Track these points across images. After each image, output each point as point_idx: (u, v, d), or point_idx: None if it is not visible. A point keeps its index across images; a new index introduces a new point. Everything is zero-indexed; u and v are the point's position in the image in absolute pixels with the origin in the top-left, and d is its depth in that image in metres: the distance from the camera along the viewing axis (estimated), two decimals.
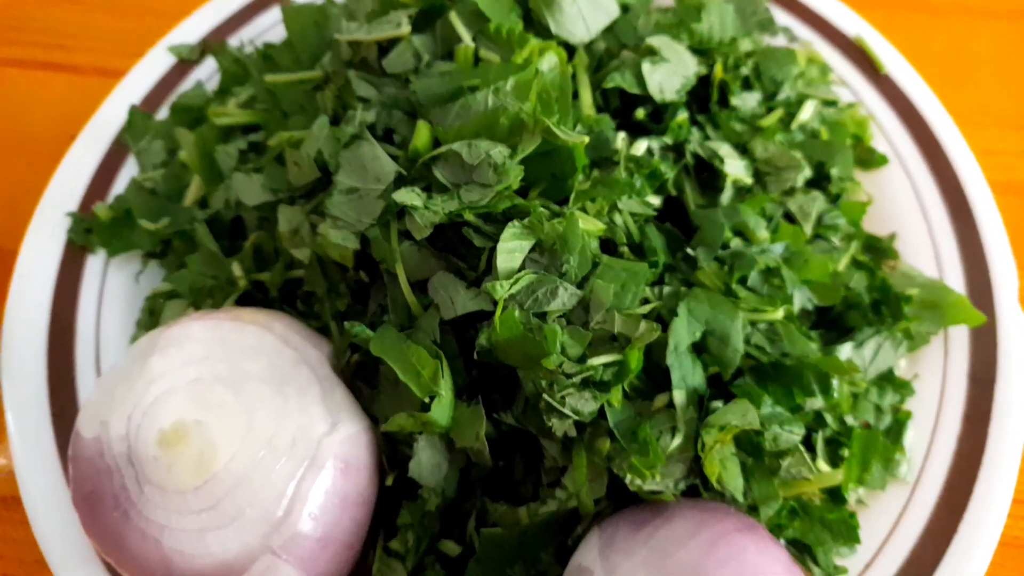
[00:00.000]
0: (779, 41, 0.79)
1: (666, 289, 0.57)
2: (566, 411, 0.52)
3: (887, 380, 0.65)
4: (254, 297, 0.64)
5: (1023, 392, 0.66)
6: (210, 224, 0.66)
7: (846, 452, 0.61)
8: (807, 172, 0.66)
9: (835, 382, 0.58)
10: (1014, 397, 0.66)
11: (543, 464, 0.56)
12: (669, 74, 0.63)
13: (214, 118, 0.70)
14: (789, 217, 0.65)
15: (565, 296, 0.52)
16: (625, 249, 0.58)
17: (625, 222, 0.58)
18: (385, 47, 0.63)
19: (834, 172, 0.69)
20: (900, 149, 0.76)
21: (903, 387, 0.66)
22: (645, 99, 0.64)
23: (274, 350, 0.56)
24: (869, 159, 0.75)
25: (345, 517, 0.53)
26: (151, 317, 0.66)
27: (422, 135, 0.56)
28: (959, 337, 0.69)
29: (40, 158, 0.83)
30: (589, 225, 0.56)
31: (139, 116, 0.74)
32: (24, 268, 0.70)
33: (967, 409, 0.66)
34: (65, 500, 0.61)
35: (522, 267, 0.53)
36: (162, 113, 0.77)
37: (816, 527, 0.58)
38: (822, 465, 0.59)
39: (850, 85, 0.79)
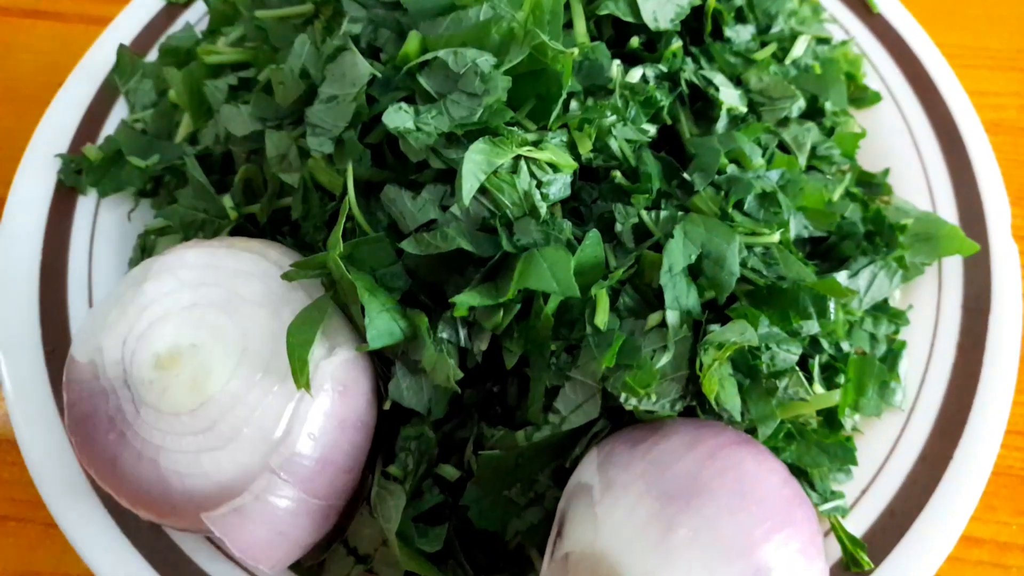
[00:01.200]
0: None
1: (662, 214, 0.57)
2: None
3: (881, 310, 0.66)
4: (246, 231, 0.64)
5: (1016, 321, 0.66)
6: (200, 160, 0.66)
7: (841, 379, 0.61)
8: (801, 103, 0.65)
9: (831, 305, 0.58)
10: (1007, 326, 0.66)
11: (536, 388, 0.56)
12: (663, 3, 0.63)
13: (203, 56, 0.69)
14: (783, 147, 0.65)
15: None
16: (618, 174, 0.58)
17: (620, 147, 0.58)
18: None
19: (828, 106, 0.69)
20: (892, 87, 0.76)
21: (898, 317, 0.66)
22: (639, 28, 0.63)
23: (269, 275, 0.55)
24: (862, 97, 0.75)
25: (343, 440, 0.53)
26: (143, 254, 0.66)
27: (412, 43, 0.55)
28: (953, 268, 0.69)
29: (25, 105, 0.82)
30: (561, 158, 0.55)
31: (128, 56, 0.74)
32: (14, 210, 0.69)
33: (961, 338, 0.66)
34: (60, 438, 0.61)
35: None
36: (151, 57, 0.76)
37: (813, 450, 0.58)
38: (818, 389, 0.59)
39: (842, 24, 0.79)
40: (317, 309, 0.53)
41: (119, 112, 0.74)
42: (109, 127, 0.73)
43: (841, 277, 0.62)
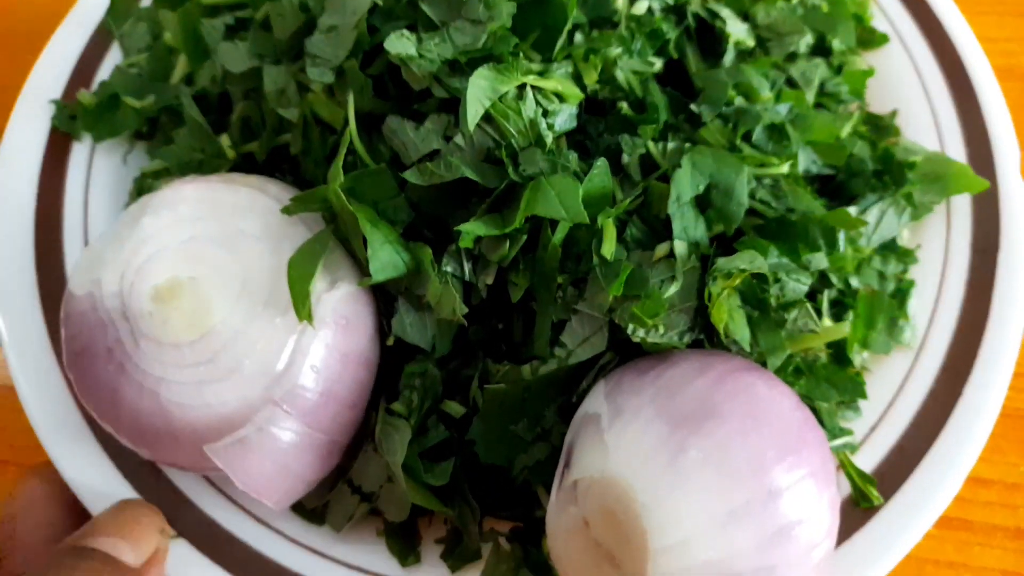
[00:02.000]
0: None
1: (670, 145, 0.56)
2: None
3: (890, 249, 0.65)
4: (244, 170, 0.62)
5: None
6: (197, 101, 0.65)
7: (850, 316, 0.61)
8: (809, 39, 0.64)
9: (841, 237, 0.57)
10: (1017, 265, 0.65)
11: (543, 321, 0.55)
12: None
13: None
14: (791, 83, 0.64)
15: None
16: (624, 105, 0.57)
17: (627, 79, 0.57)
18: None
19: (836, 44, 0.68)
20: (900, 28, 0.75)
21: (906, 256, 0.65)
22: None
23: (269, 210, 0.54)
24: (869, 39, 0.74)
25: (346, 374, 0.52)
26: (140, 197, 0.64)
27: None
28: (961, 207, 0.68)
29: (22, 53, 0.79)
30: (567, 87, 0.54)
31: (123, 0, 0.72)
32: (7, 156, 0.68)
33: (970, 277, 0.66)
34: (58, 383, 0.61)
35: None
36: (146, 2, 0.75)
37: (822, 384, 0.58)
38: (827, 323, 0.58)
39: None
40: (318, 242, 0.52)
41: (113, 58, 0.73)
42: (103, 73, 0.72)
43: (851, 211, 0.62)
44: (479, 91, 0.50)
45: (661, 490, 0.44)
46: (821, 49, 0.68)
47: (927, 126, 0.72)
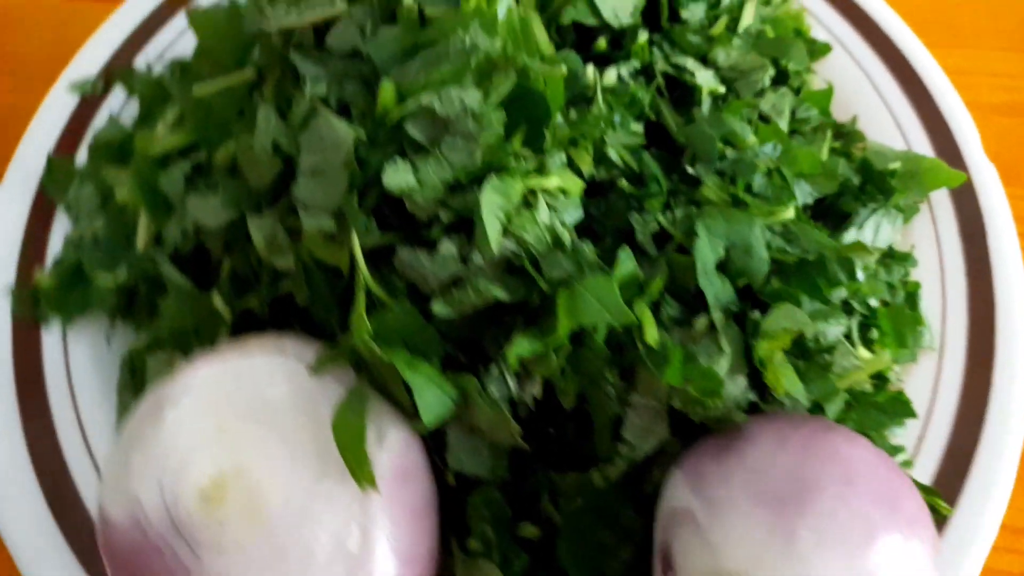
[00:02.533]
0: None
1: (678, 213, 0.55)
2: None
3: (890, 256, 0.66)
4: (244, 327, 0.59)
5: (1012, 236, 0.68)
6: (173, 261, 0.61)
7: (875, 333, 0.61)
8: (771, 71, 0.65)
9: (858, 267, 0.57)
10: (1006, 243, 0.68)
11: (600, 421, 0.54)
12: None
13: (146, 148, 0.64)
14: (763, 118, 0.65)
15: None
16: (624, 183, 0.56)
17: (619, 155, 0.56)
18: (321, 29, 0.59)
19: (791, 66, 0.68)
20: (839, 34, 0.77)
21: (906, 259, 0.67)
22: (601, 29, 0.61)
23: (293, 373, 0.51)
24: (812, 50, 0.75)
25: (420, 528, 0.50)
26: (134, 377, 0.60)
27: (387, 92, 0.52)
28: (941, 200, 0.70)
29: (29, 81, 0.82)
30: (569, 182, 0.53)
31: (58, 164, 0.67)
32: None
33: (968, 266, 0.68)
34: None
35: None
36: (81, 160, 0.70)
37: (871, 413, 0.58)
38: (863, 352, 0.59)
39: None
40: (357, 398, 0.50)
41: (61, 226, 0.68)
42: (55, 240, 0.67)
43: (851, 234, 0.63)
44: (493, 209, 0.49)
45: None
46: (778, 72, 0.69)
47: (887, 124, 0.74)
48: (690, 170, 0.58)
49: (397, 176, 0.49)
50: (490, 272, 0.51)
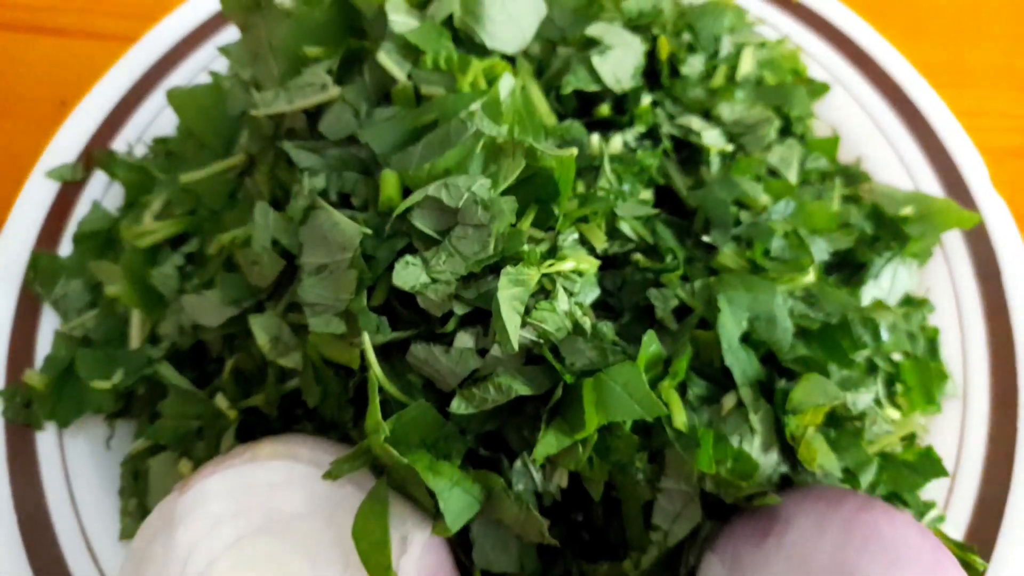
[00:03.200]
0: None
1: (697, 285, 0.53)
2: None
3: (908, 303, 0.65)
4: (251, 424, 0.57)
5: None
6: (170, 359, 0.58)
7: (899, 387, 0.60)
8: (777, 123, 0.63)
9: (883, 326, 0.56)
10: (1022, 281, 0.66)
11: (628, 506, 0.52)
12: (619, 60, 0.59)
13: (135, 240, 0.61)
14: (771, 171, 0.63)
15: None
16: (640, 257, 0.54)
17: (633, 228, 0.54)
18: (313, 113, 0.57)
19: (794, 114, 0.67)
20: (836, 72, 0.76)
21: (923, 305, 0.65)
22: (602, 94, 0.60)
23: (308, 478, 0.49)
24: (811, 89, 0.74)
25: None
26: (136, 482, 0.58)
27: (390, 184, 0.50)
28: (953, 240, 0.68)
29: (27, 121, 0.83)
30: (583, 263, 0.51)
31: (44, 259, 0.64)
32: None
33: (985, 307, 0.66)
34: None
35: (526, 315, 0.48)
36: (64, 248, 0.67)
37: (903, 473, 0.57)
38: (892, 412, 0.57)
39: (769, 22, 0.77)
40: (376, 501, 0.47)
41: (48, 321, 0.65)
42: (43, 339, 0.64)
43: (870, 287, 0.61)
44: (510, 303, 0.47)
45: None
46: (782, 119, 0.67)
47: (892, 163, 0.72)
48: (706, 238, 0.56)
49: (408, 274, 0.47)
50: (509, 363, 0.49)
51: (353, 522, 0.47)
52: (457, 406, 0.48)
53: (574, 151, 0.48)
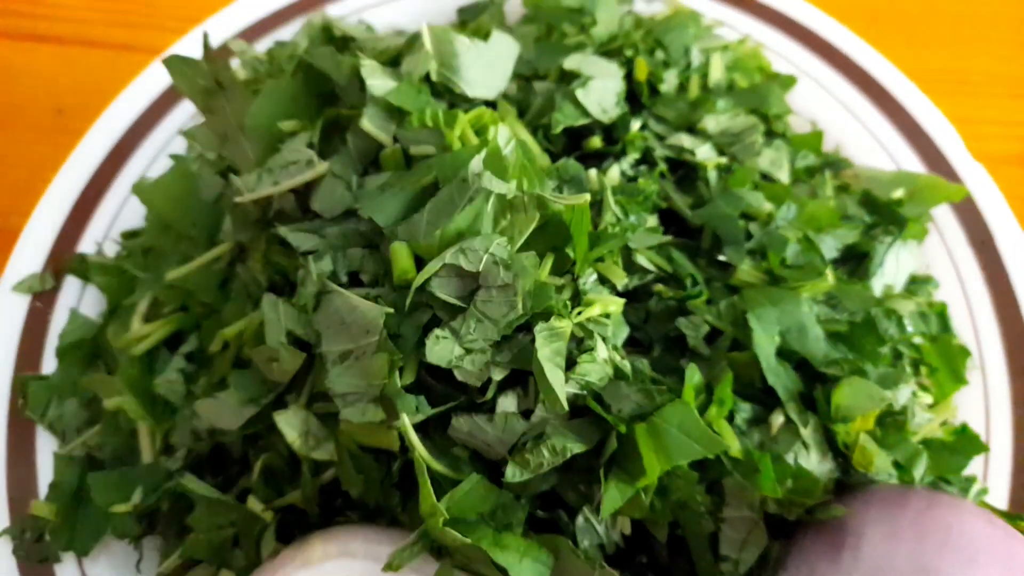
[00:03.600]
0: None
1: (722, 306, 0.53)
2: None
3: (914, 283, 0.65)
4: (288, 523, 0.54)
5: (1019, 234, 0.68)
6: (190, 468, 0.55)
7: (923, 370, 0.60)
8: (761, 127, 0.63)
9: (906, 316, 0.56)
10: (1017, 242, 0.67)
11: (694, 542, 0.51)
12: (602, 90, 0.59)
13: (128, 348, 0.58)
14: (764, 176, 0.63)
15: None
16: (661, 287, 0.53)
17: (650, 259, 0.53)
18: (301, 192, 0.54)
19: (772, 112, 0.67)
20: (798, 63, 0.76)
21: (927, 281, 0.66)
22: (589, 128, 0.59)
23: (368, 574, 0.47)
24: (779, 83, 0.74)
25: None
26: None
27: (402, 257, 0.48)
28: (943, 214, 0.69)
29: (26, 131, 0.84)
30: (609, 305, 0.50)
31: (32, 382, 0.60)
32: None
33: (985, 274, 0.67)
34: None
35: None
36: (48, 364, 0.63)
37: (945, 455, 0.57)
38: (925, 398, 0.58)
39: (728, 23, 0.77)
40: None
41: (45, 444, 0.61)
42: (43, 469, 0.60)
43: (879, 277, 0.61)
44: (552, 361, 0.45)
45: None
46: (761, 119, 0.67)
47: (870, 145, 0.73)
48: (721, 257, 0.55)
49: (441, 349, 0.45)
50: (557, 420, 0.47)
51: None
52: (512, 475, 0.46)
53: (587, 197, 0.47)
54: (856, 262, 0.63)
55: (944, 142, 0.72)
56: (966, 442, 0.57)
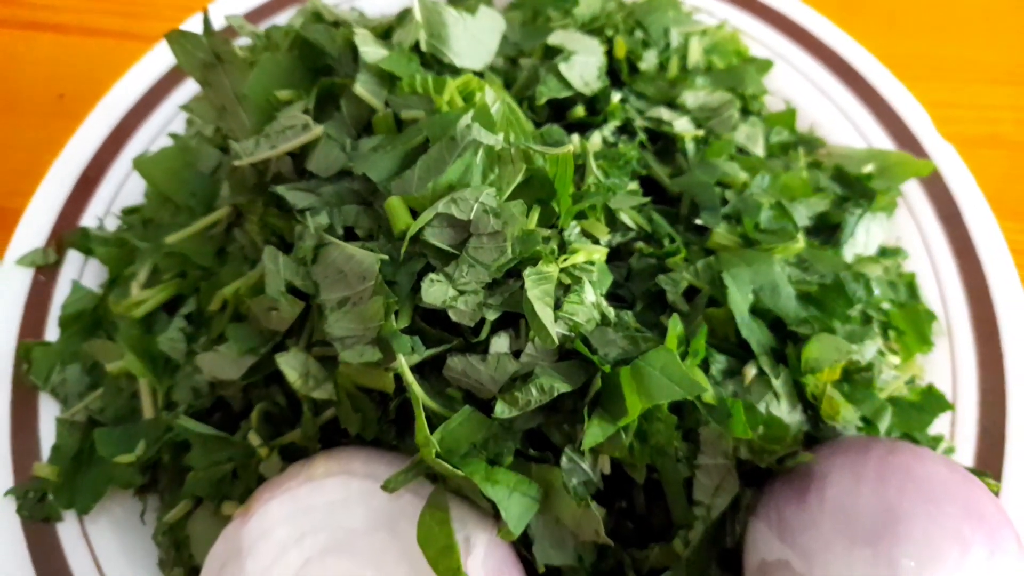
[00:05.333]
0: None
1: (699, 265, 0.55)
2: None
3: (884, 254, 0.68)
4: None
5: (984, 206, 0.71)
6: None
7: (892, 334, 0.63)
8: (738, 103, 0.66)
9: (872, 280, 0.59)
10: (980, 214, 0.70)
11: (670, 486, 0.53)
12: (584, 64, 0.62)
13: (129, 312, 0.60)
14: (740, 150, 0.66)
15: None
16: (643, 245, 0.56)
17: (632, 218, 0.56)
18: (296, 155, 0.57)
19: (748, 92, 0.70)
20: (774, 47, 0.79)
21: (897, 252, 0.69)
22: (572, 99, 0.62)
23: (367, 493, 0.49)
24: (756, 67, 0.77)
25: None
26: (179, 551, 0.56)
27: (398, 210, 0.50)
28: (912, 189, 0.72)
29: (27, 116, 0.87)
30: (593, 253, 0.53)
31: (36, 348, 0.63)
32: None
33: (952, 245, 0.70)
34: None
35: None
36: (50, 335, 0.65)
37: (912, 413, 0.59)
38: (892, 359, 0.60)
39: (707, 10, 0.80)
40: (437, 508, 0.48)
41: (47, 411, 0.63)
42: (46, 433, 0.62)
43: (850, 246, 0.64)
44: (541, 300, 0.48)
45: None
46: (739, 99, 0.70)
47: (842, 124, 0.76)
48: (698, 221, 0.58)
49: (435, 291, 0.48)
50: (546, 360, 0.50)
51: (417, 530, 0.47)
52: (501, 411, 0.48)
53: (570, 147, 0.50)
54: (829, 233, 0.66)
55: (914, 123, 0.75)
56: (932, 400, 0.60)
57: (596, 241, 0.55)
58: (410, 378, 0.48)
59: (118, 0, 0.95)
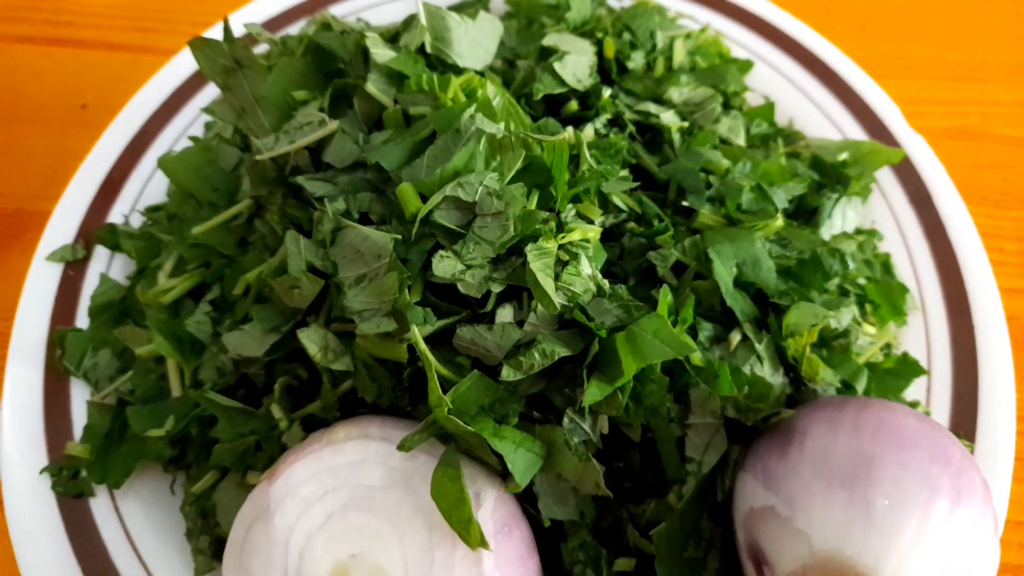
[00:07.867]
0: None
1: (686, 243, 0.60)
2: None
3: (859, 234, 0.73)
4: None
5: (952, 191, 0.76)
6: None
7: (868, 308, 0.68)
8: (720, 98, 0.71)
9: (848, 256, 0.63)
10: (949, 197, 0.75)
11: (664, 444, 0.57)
12: (576, 63, 0.66)
13: (156, 299, 0.64)
14: (723, 140, 0.71)
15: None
16: (634, 225, 0.61)
17: (624, 201, 0.60)
18: (312, 149, 0.62)
19: (730, 90, 0.75)
20: (755, 49, 0.84)
21: (873, 234, 0.74)
22: (565, 95, 0.66)
23: (384, 454, 0.53)
24: (737, 67, 0.82)
25: (527, 572, 0.52)
26: (205, 520, 0.60)
27: (409, 193, 0.55)
28: (885, 176, 0.77)
29: (51, 125, 0.92)
30: (588, 231, 0.58)
31: (70, 334, 0.67)
32: (23, 545, 0.61)
33: (924, 227, 0.75)
34: None
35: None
36: (80, 325, 0.70)
37: (888, 379, 0.64)
38: (869, 328, 0.65)
39: (688, 15, 0.86)
40: (449, 466, 0.52)
41: (79, 394, 0.67)
42: (78, 415, 0.66)
43: (827, 226, 0.69)
44: (545, 271, 0.52)
45: (875, 546, 0.48)
46: (722, 96, 0.75)
47: (817, 118, 0.81)
48: (684, 203, 0.63)
49: (445, 266, 0.52)
50: (547, 328, 0.54)
51: (431, 486, 0.51)
52: (507, 374, 0.53)
53: (567, 134, 0.55)
54: (807, 217, 0.71)
55: (887, 116, 0.80)
56: (907, 367, 0.65)
57: (590, 222, 0.60)
58: (423, 346, 0.53)
59: (136, 16, 1.01)
